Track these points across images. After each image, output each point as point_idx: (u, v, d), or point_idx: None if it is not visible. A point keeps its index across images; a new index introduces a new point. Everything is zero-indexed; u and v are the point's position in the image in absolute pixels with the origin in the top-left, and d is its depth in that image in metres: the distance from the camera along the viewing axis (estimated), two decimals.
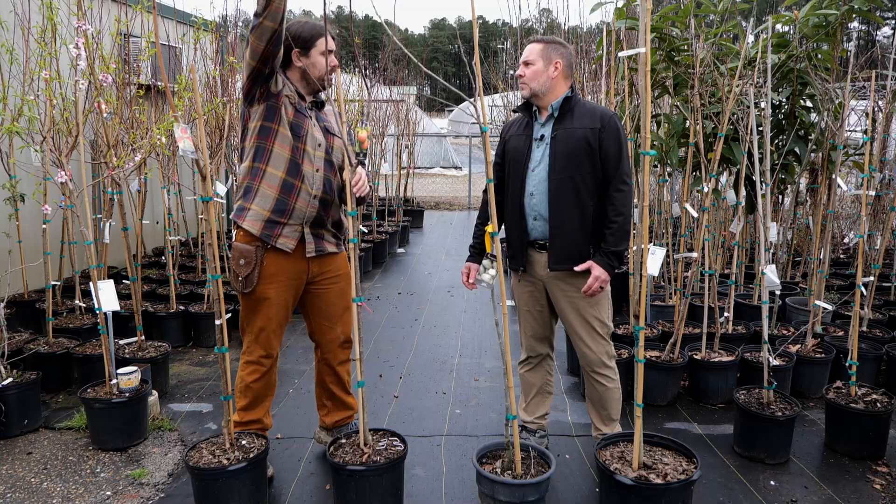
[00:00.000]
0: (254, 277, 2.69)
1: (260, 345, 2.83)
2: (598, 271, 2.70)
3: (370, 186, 2.78)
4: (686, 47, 4.25)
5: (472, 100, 2.37)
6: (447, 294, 6.16)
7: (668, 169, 5.19)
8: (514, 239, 2.94)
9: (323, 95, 2.87)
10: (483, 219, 3.01)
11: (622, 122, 2.87)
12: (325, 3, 2.29)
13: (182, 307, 4.68)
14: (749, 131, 3.38)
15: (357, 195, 2.65)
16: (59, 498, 2.79)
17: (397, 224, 8.49)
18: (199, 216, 6.10)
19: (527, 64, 2.80)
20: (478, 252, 3.00)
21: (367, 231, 7.58)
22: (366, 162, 2.76)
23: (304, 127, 2.71)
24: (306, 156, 2.71)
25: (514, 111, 3.00)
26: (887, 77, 4.46)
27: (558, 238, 2.79)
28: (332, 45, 2.73)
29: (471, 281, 2.95)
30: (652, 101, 4.90)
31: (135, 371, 3.24)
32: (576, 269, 2.74)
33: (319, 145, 2.76)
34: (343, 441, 2.67)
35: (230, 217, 2.74)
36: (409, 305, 5.78)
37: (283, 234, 2.71)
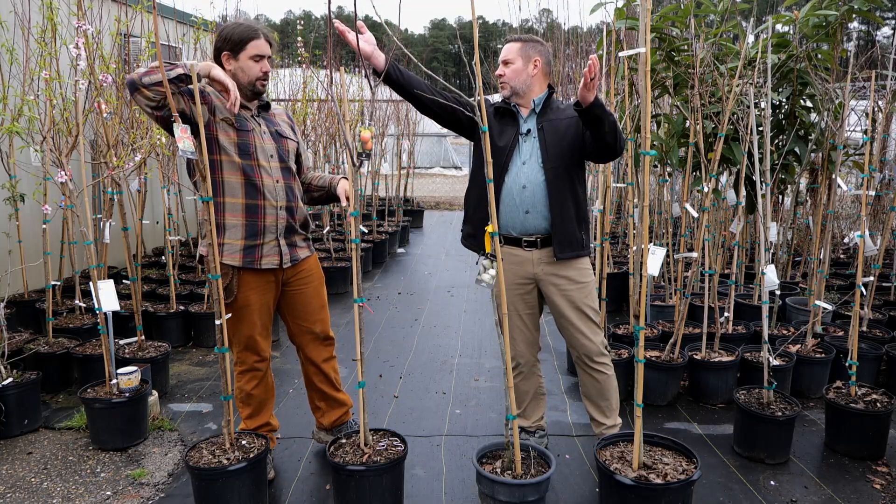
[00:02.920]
0: (234, 287, 2.70)
1: (251, 351, 2.83)
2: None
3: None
4: (686, 47, 4.25)
5: (472, 100, 2.37)
6: (447, 294, 6.16)
7: (668, 169, 5.20)
8: (480, 219, 2.84)
9: (265, 97, 2.83)
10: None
11: (622, 123, 2.87)
12: (328, 5, 2.28)
13: (182, 307, 4.67)
14: (749, 131, 3.38)
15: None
16: (59, 498, 2.79)
17: (397, 224, 8.50)
18: (199, 216, 6.10)
19: (506, 63, 2.81)
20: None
21: (367, 231, 7.58)
22: (367, 162, 2.76)
23: (251, 144, 2.68)
24: (262, 171, 2.69)
25: (498, 106, 2.93)
26: (887, 77, 4.46)
27: (559, 227, 2.81)
28: (266, 49, 2.68)
29: None
30: (652, 101, 4.90)
31: (135, 371, 3.24)
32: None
33: (272, 156, 2.74)
34: (343, 441, 2.67)
35: (200, 252, 2.73)
36: (409, 305, 5.78)
37: (264, 255, 2.74)
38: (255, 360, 2.85)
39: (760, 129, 3.56)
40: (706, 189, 3.77)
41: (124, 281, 5.16)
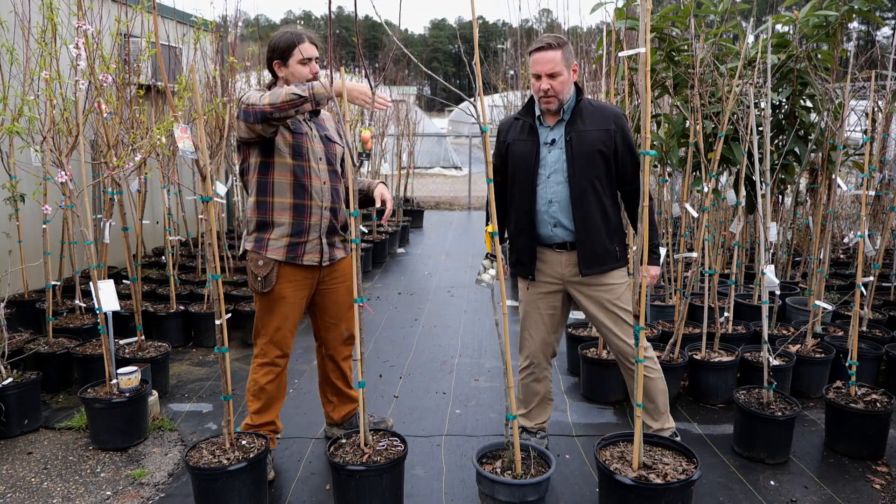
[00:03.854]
0: (272, 277, 2.79)
1: (275, 345, 2.89)
2: (654, 270, 2.78)
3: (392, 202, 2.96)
4: (686, 47, 4.25)
5: (472, 100, 2.37)
6: (447, 294, 6.16)
7: (668, 169, 5.20)
8: (521, 245, 2.86)
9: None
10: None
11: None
12: (328, 5, 2.29)
13: (182, 307, 4.68)
14: (749, 131, 3.38)
15: (385, 219, 2.88)
16: (59, 498, 2.79)
17: (397, 224, 8.49)
18: (199, 216, 6.10)
19: (553, 76, 2.64)
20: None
21: (367, 231, 7.58)
22: (367, 162, 2.83)
23: (304, 146, 2.79)
24: (312, 172, 2.80)
25: (516, 118, 2.88)
26: (887, 77, 4.46)
27: (585, 244, 2.73)
28: (311, 52, 2.76)
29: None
30: (652, 101, 4.89)
31: (135, 371, 3.24)
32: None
33: (321, 159, 2.85)
34: (343, 441, 2.68)
35: (245, 247, 2.87)
36: (409, 305, 5.78)
37: (306, 252, 2.84)
38: (277, 354, 2.91)
39: (760, 129, 3.56)
40: (706, 189, 3.77)
41: (124, 281, 5.15)
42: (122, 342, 3.90)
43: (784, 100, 4.51)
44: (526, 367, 3.03)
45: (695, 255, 3.83)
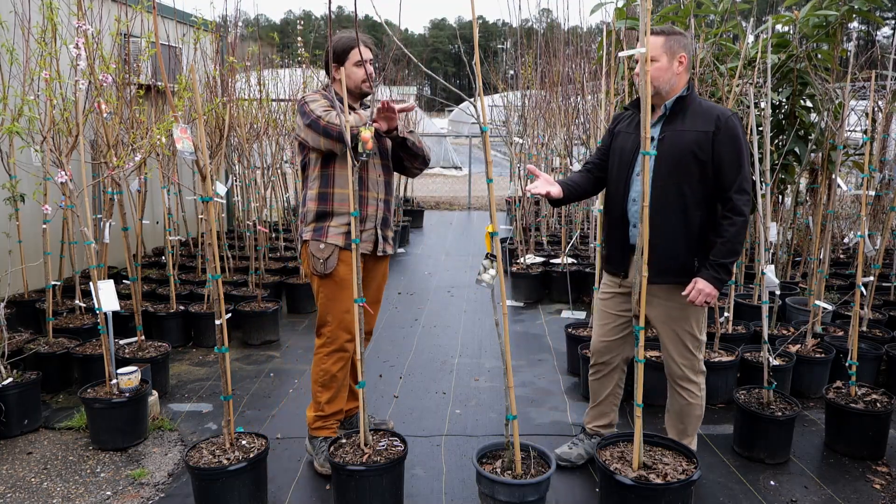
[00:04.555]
0: (334, 259, 2.88)
1: (345, 329, 2.94)
2: (701, 284, 2.51)
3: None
4: None
5: (472, 100, 2.37)
6: (447, 294, 6.16)
7: None
8: (614, 241, 2.78)
9: (368, 101, 3.04)
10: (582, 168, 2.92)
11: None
12: (328, 5, 2.28)
13: (182, 307, 4.68)
14: (749, 131, 3.39)
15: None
16: (59, 498, 2.79)
17: (397, 224, 8.49)
18: (199, 216, 6.10)
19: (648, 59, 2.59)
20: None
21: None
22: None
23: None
24: (369, 165, 2.93)
25: (625, 108, 2.81)
26: (887, 77, 4.46)
27: (656, 250, 2.54)
28: (366, 55, 2.83)
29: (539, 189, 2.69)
30: None
31: (135, 371, 3.24)
32: (683, 293, 2.56)
33: (375, 153, 2.96)
34: (343, 441, 2.68)
35: (303, 238, 2.96)
36: (409, 305, 5.78)
37: (362, 240, 2.93)
38: (346, 339, 2.95)
39: (760, 129, 3.57)
40: None
41: (124, 281, 5.15)
42: (122, 342, 3.90)
43: (784, 100, 4.52)
44: (592, 365, 3.02)
45: None
